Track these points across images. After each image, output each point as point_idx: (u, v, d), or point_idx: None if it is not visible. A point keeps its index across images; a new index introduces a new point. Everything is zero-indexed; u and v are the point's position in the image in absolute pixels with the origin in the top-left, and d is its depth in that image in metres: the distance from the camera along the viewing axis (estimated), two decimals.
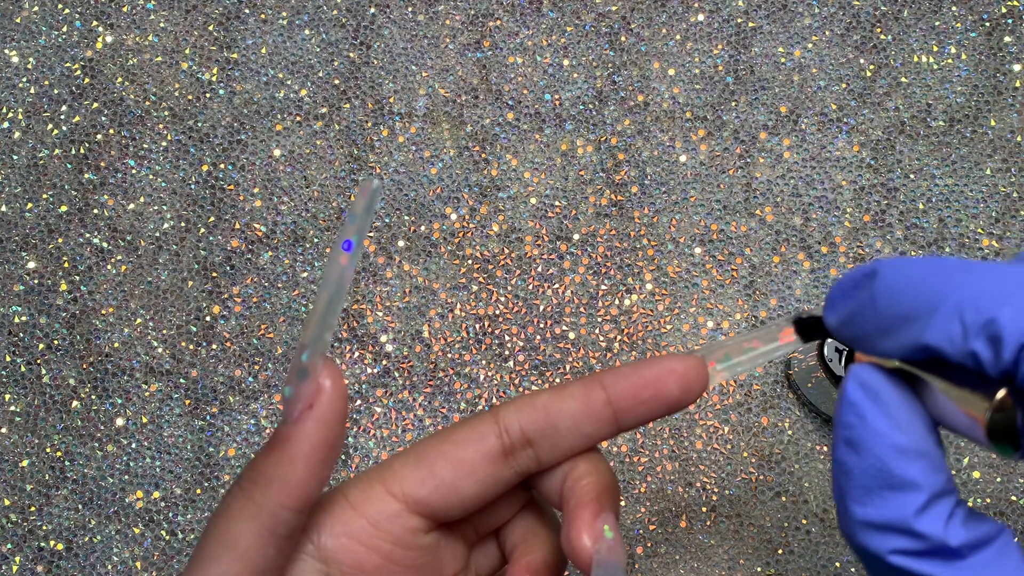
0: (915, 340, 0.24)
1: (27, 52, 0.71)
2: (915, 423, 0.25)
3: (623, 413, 0.32)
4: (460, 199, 0.69)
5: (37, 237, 0.69)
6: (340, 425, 0.31)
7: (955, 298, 0.23)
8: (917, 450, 0.25)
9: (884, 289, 0.25)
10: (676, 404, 0.31)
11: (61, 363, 0.67)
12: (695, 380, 0.31)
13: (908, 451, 0.25)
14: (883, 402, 0.25)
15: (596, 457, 0.34)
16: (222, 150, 0.70)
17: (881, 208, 0.69)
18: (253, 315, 0.67)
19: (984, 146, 0.70)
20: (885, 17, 0.72)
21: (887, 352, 0.26)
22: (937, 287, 0.24)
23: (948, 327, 0.23)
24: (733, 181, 0.69)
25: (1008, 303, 0.22)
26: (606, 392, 0.32)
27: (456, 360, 0.67)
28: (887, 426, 0.25)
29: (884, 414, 0.25)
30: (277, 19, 0.72)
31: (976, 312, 0.23)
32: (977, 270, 0.24)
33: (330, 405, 0.30)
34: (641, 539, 0.65)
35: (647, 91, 0.71)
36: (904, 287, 0.25)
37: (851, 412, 0.26)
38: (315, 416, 0.29)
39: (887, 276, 0.25)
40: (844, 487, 0.26)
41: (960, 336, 0.23)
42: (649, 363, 0.31)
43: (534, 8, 0.72)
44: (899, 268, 0.25)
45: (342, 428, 0.31)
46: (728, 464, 0.66)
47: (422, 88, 0.71)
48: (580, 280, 0.68)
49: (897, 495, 0.25)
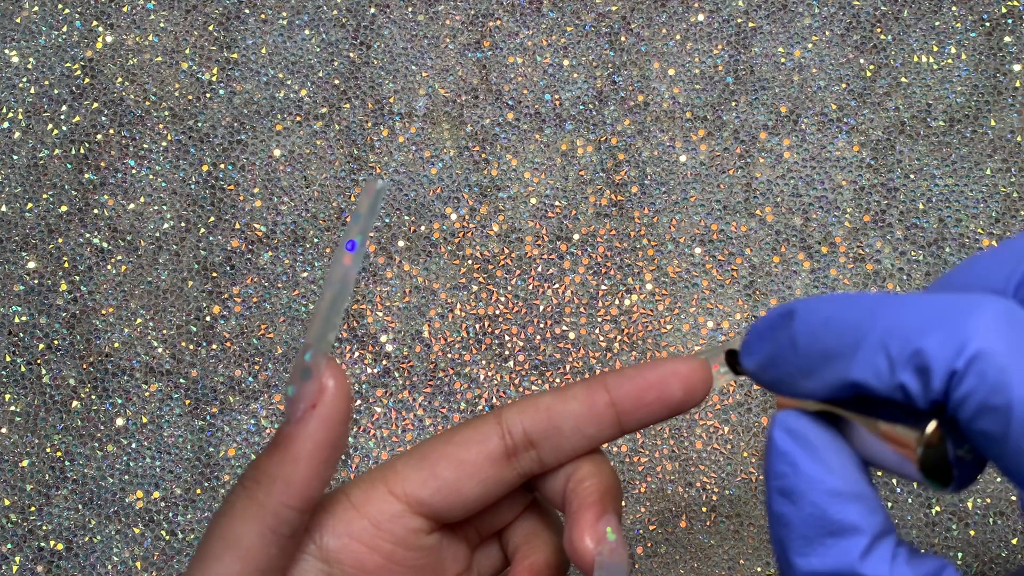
0: (840, 377, 0.23)
1: (27, 52, 0.71)
2: (847, 465, 0.25)
3: (626, 415, 0.32)
4: (460, 199, 0.69)
5: (37, 237, 0.69)
6: (343, 425, 0.30)
7: (878, 331, 0.23)
8: (853, 492, 0.24)
9: (804, 328, 0.25)
10: (680, 406, 0.31)
11: (61, 363, 0.67)
12: (699, 383, 0.31)
13: (844, 494, 0.24)
14: (813, 447, 0.25)
15: (599, 459, 0.34)
16: (222, 150, 0.70)
17: (881, 208, 0.69)
18: (253, 315, 0.67)
19: (984, 146, 0.70)
20: (885, 17, 0.72)
21: (811, 393, 0.25)
22: (859, 322, 0.23)
23: (874, 361, 0.23)
24: (733, 181, 0.69)
25: (932, 332, 0.22)
26: (609, 394, 0.32)
27: (456, 360, 0.67)
28: (820, 471, 0.25)
29: (816, 460, 0.25)
30: (277, 19, 0.72)
31: (901, 343, 0.22)
32: (897, 302, 0.23)
33: (333, 405, 0.30)
34: (641, 539, 0.65)
35: (647, 91, 0.71)
36: (824, 325, 0.24)
37: (782, 461, 0.25)
38: (318, 415, 0.29)
39: (805, 316, 0.25)
40: (784, 540, 0.25)
41: (887, 369, 0.22)
42: (653, 365, 0.31)
43: (534, 8, 0.72)
44: (817, 307, 0.25)
45: (345, 428, 0.31)
46: (728, 464, 0.66)
47: (422, 88, 0.71)
48: (580, 280, 0.68)
49: (839, 541, 0.24)
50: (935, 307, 0.23)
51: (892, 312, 0.23)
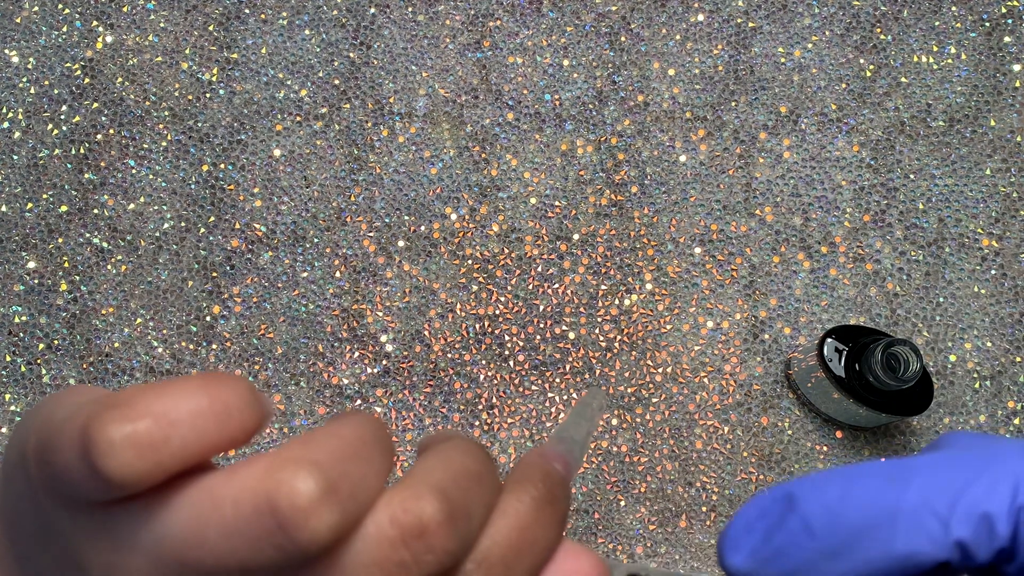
0: (883, 551, 0.22)
1: (27, 52, 0.71)
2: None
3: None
4: (460, 199, 0.69)
5: (37, 237, 0.69)
6: None
7: (914, 496, 0.22)
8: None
9: (817, 509, 0.23)
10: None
11: (61, 363, 0.67)
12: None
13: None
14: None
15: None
16: (222, 150, 0.70)
17: (881, 208, 0.69)
18: (253, 315, 0.67)
19: (984, 146, 0.70)
20: (885, 17, 0.72)
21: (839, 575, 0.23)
22: (884, 492, 0.22)
23: (922, 525, 0.21)
24: (733, 181, 0.69)
25: (977, 482, 0.21)
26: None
27: (456, 360, 0.67)
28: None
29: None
30: (277, 19, 0.72)
31: (948, 500, 0.21)
32: (922, 466, 0.22)
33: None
34: (641, 539, 0.65)
35: (647, 91, 0.71)
36: (840, 503, 0.23)
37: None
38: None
39: (812, 497, 0.23)
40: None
41: (939, 529, 0.21)
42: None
43: (534, 8, 0.72)
44: (821, 485, 0.23)
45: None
46: (728, 464, 0.66)
47: (422, 88, 0.71)
48: (580, 280, 0.68)
49: None
50: (962, 462, 0.22)
51: (922, 475, 0.22)
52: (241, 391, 0.20)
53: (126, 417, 0.18)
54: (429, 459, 0.21)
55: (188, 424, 0.19)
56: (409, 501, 0.19)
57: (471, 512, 0.20)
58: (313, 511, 0.18)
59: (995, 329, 0.67)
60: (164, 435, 0.18)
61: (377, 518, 0.19)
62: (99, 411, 0.18)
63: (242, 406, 0.19)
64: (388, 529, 0.19)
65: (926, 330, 0.67)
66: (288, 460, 0.18)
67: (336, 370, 0.67)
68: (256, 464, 0.19)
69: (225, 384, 0.19)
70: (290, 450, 0.19)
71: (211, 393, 0.19)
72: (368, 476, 0.19)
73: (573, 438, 0.25)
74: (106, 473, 0.18)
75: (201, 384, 0.19)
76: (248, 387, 0.20)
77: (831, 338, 0.61)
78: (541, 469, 0.22)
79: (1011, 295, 0.67)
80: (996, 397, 0.66)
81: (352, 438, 0.20)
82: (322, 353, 0.67)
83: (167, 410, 0.19)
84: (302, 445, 0.19)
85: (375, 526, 0.19)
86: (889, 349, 0.58)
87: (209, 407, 0.19)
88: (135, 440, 0.18)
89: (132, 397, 0.19)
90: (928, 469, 0.22)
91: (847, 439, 0.66)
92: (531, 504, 0.21)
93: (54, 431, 0.20)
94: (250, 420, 0.20)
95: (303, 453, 0.19)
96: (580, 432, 0.26)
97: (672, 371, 0.67)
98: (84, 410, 0.19)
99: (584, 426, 0.26)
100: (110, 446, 0.18)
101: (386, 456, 0.20)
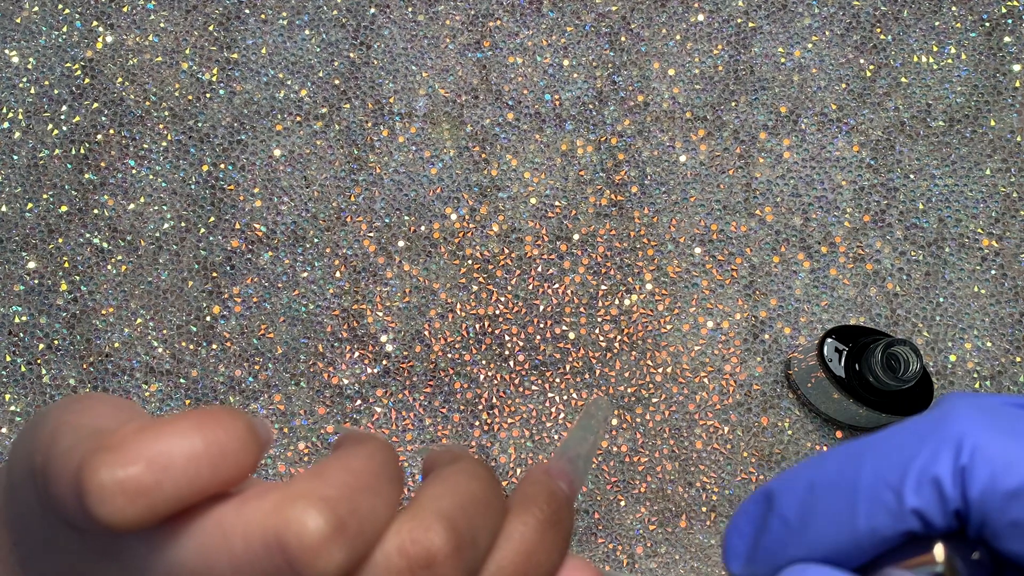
0: (849, 532, 0.22)
1: (27, 52, 0.71)
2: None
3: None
4: (460, 199, 0.69)
5: (37, 237, 0.69)
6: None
7: (868, 472, 0.22)
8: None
9: (789, 501, 0.23)
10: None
11: (61, 363, 0.67)
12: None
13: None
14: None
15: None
16: (222, 150, 0.70)
17: (881, 208, 0.69)
18: (253, 315, 0.67)
19: (984, 146, 0.70)
20: (885, 17, 0.72)
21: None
22: (842, 473, 0.23)
23: (878, 499, 0.22)
24: (733, 181, 0.69)
25: (922, 449, 0.22)
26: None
27: (456, 360, 0.67)
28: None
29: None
30: (277, 19, 0.72)
31: (898, 471, 0.22)
32: (873, 440, 0.23)
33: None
34: (641, 539, 0.65)
35: (647, 91, 0.71)
36: (810, 490, 0.23)
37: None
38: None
39: (786, 488, 0.24)
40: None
41: (894, 500, 0.22)
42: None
43: (534, 8, 0.72)
44: (795, 476, 0.24)
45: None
46: (728, 464, 0.66)
47: (422, 88, 0.71)
48: (580, 280, 0.68)
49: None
50: (911, 430, 0.22)
51: (873, 449, 0.23)
52: (237, 431, 0.19)
53: (118, 462, 0.18)
54: (436, 485, 0.21)
55: (181, 468, 0.18)
56: (417, 532, 0.19)
57: (477, 540, 0.20)
58: (323, 549, 0.18)
59: (995, 329, 0.67)
60: (156, 480, 0.18)
61: (386, 549, 0.19)
62: (93, 452, 0.18)
63: (237, 447, 0.19)
64: (396, 560, 0.19)
65: (926, 330, 0.67)
66: (299, 496, 0.18)
67: (336, 370, 0.67)
68: (267, 498, 0.19)
69: (220, 424, 0.19)
70: (300, 484, 0.19)
71: (206, 435, 0.19)
72: (377, 509, 0.19)
73: (578, 454, 0.25)
74: (97, 519, 0.18)
75: (196, 425, 0.19)
76: (245, 425, 0.19)
77: (831, 338, 0.61)
78: (546, 489, 0.22)
79: (1011, 295, 0.67)
80: None
81: (362, 470, 0.20)
82: (322, 353, 0.67)
83: (159, 454, 0.18)
84: (312, 479, 0.19)
85: (384, 556, 0.19)
86: (889, 349, 0.58)
87: (204, 450, 0.19)
88: (126, 487, 0.18)
89: (125, 440, 0.18)
90: (882, 442, 0.22)
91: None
92: (536, 527, 0.21)
93: (55, 461, 0.20)
94: (246, 460, 0.19)
95: (313, 488, 0.19)
96: (584, 447, 0.26)
97: (672, 371, 0.67)
98: (81, 446, 0.19)
99: (589, 440, 0.26)
100: (101, 491, 0.18)
101: (395, 485, 0.20)
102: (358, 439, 0.21)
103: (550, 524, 0.22)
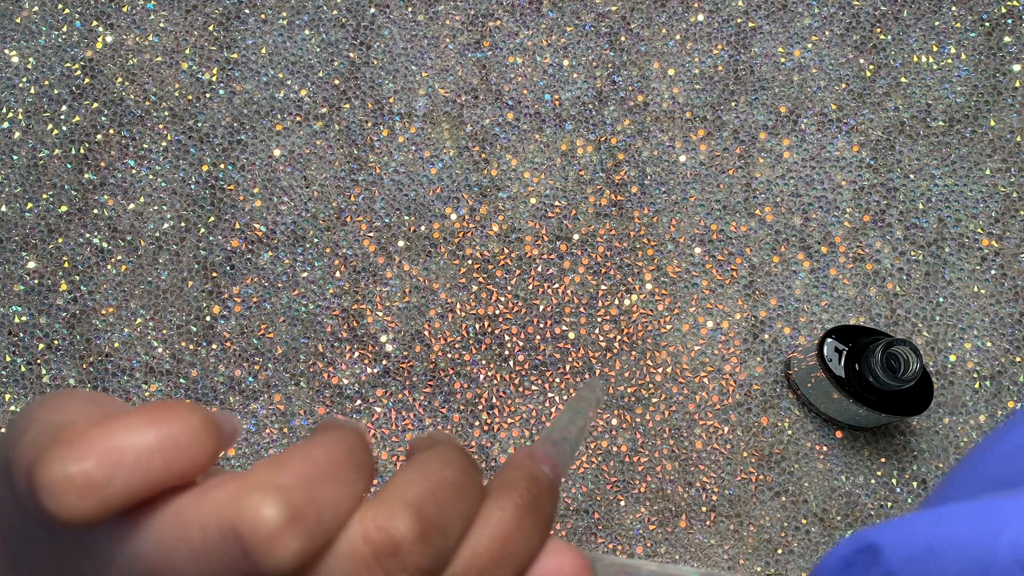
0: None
1: (27, 52, 0.71)
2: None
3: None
4: (460, 199, 0.69)
5: (37, 237, 0.69)
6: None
7: (1004, 547, 0.21)
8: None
9: (905, 563, 0.22)
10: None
11: (61, 363, 0.67)
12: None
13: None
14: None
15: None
16: (222, 150, 0.70)
17: (881, 208, 0.69)
18: (253, 315, 0.67)
19: (984, 146, 0.70)
20: (885, 17, 0.72)
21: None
22: (968, 545, 0.22)
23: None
24: (733, 181, 0.69)
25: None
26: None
27: (456, 360, 0.67)
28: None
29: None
30: (277, 19, 0.72)
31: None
32: (1006, 520, 0.22)
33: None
34: (641, 539, 0.65)
35: (647, 91, 0.71)
36: (927, 553, 0.22)
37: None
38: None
39: (897, 547, 0.23)
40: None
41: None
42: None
43: (534, 8, 0.72)
44: (908, 532, 0.23)
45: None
46: (728, 464, 0.66)
47: (422, 88, 0.71)
48: (580, 280, 0.68)
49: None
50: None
51: (1016, 523, 0.21)
52: (191, 424, 0.19)
53: (69, 457, 0.18)
54: (408, 471, 0.20)
55: (133, 462, 0.18)
56: (381, 518, 0.19)
57: (447, 526, 0.20)
58: (278, 539, 0.18)
59: (995, 329, 0.67)
60: (107, 475, 0.18)
61: (350, 536, 0.19)
62: (46, 448, 0.18)
63: (191, 441, 0.19)
64: (360, 547, 0.19)
65: (926, 330, 0.67)
66: (255, 486, 0.18)
67: (336, 370, 0.67)
68: (224, 488, 0.19)
69: (174, 417, 0.19)
70: (258, 474, 0.19)
71: (159, 429, 0.19)
72: (338, 498, 0.19)
73: (565, 437, 0.25)
74: (50, 513, 0.18)
75: (149, 419, 0.19)
76: (200, 418, 0.19)
77: (831, 338, 0.61)
78: (527, 473, 0.22)
79: (1011, 295, 0.67)
80: (996, 397, 0.66)
81: (323, 459, 0.19)
82: (322, 353, 0.67)
83: (111, 448, 0.18)
84: (271, 468, 0.19)
85: (347, 544, 0.19)
86: (889, 349, 0.58)
87: (157, 444, 0.18)
88: (75, 482, 0.18)
89: (78, 435, 0.18)
90: (1018, 517, 0.21)
91: (847, 439, 0.66)
92: (514, 512, 0.21)
93: (17, 456, 0.20)
94: (200, 453, 0.19)
95: (270, 477, 0.18)
96: (573, 430, 0.25)
97: (672, 371, 0.67)
98: (38, 442, 0.19)
99: (578, 422, 0.26)
100: (52, 486, 0.18)
101: (361, 474, 0.20)
102: (327, 427, 0.21)
103: (529, 509, 0.21)
